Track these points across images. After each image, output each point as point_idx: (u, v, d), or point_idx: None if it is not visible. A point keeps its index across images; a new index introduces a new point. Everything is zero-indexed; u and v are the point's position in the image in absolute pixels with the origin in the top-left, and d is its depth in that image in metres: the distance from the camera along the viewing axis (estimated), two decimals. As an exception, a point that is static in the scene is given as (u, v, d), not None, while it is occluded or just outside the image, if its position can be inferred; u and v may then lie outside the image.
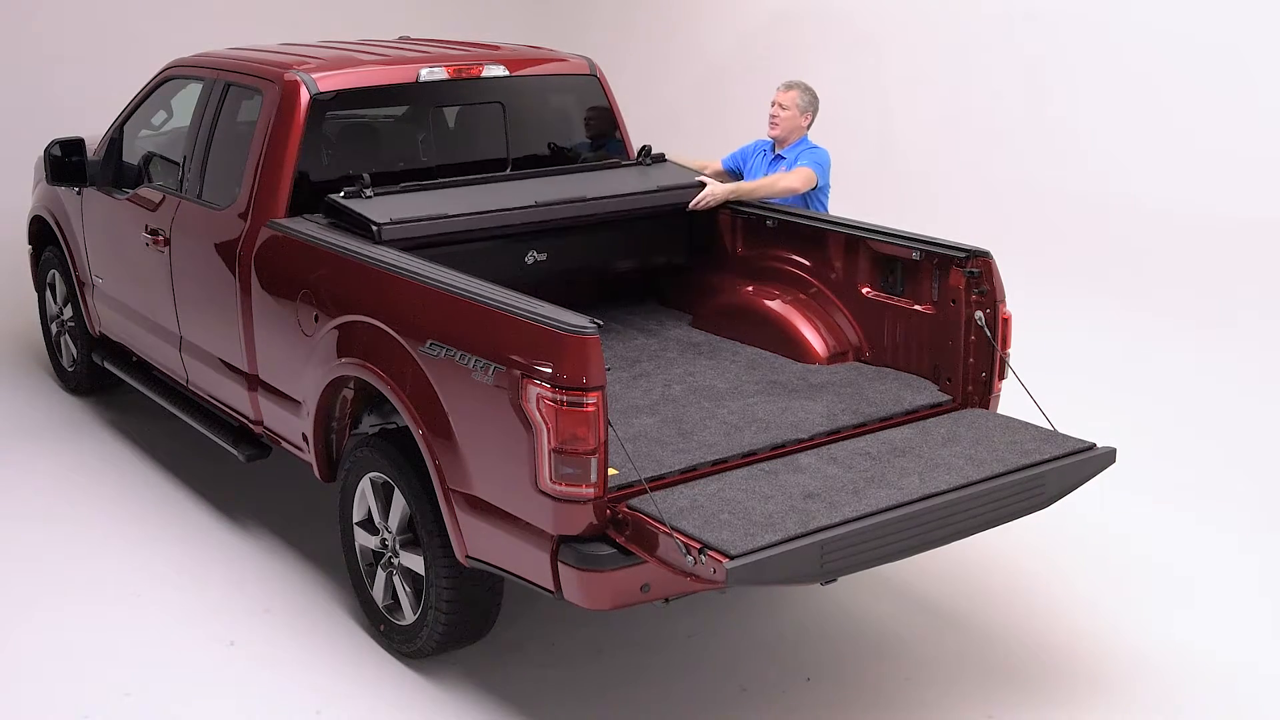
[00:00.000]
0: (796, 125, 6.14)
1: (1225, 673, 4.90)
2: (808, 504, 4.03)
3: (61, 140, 6.58)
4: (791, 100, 6.12)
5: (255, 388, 5.54)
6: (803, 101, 6.13)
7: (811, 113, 6.17)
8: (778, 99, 6.16)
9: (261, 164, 5.50)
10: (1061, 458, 4.41)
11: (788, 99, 6.13)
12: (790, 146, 6.15)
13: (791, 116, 6.13)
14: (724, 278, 5.97)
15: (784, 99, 6.14)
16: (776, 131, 6.17)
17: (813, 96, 6.18)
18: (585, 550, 3.99)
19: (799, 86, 6.17)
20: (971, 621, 5.26)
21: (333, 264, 5.01)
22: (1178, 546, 5.86)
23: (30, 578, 5.63)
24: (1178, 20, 8.24)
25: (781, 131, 6.15)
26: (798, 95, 6.13)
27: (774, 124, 6.16)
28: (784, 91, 6.17)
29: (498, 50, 6.36)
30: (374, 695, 4.74)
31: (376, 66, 5.82)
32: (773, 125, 6.17)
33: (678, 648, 5.05)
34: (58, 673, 4.89)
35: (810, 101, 6.16)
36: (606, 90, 6.39)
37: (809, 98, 6.16)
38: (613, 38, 11.47)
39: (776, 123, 6.15)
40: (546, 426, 3.93)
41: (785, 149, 6.17)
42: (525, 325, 4.07)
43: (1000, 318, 4.90)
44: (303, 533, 5.94)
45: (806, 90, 6.17)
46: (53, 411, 7.51)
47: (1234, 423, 7.05)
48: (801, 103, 6.13)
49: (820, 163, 6.03)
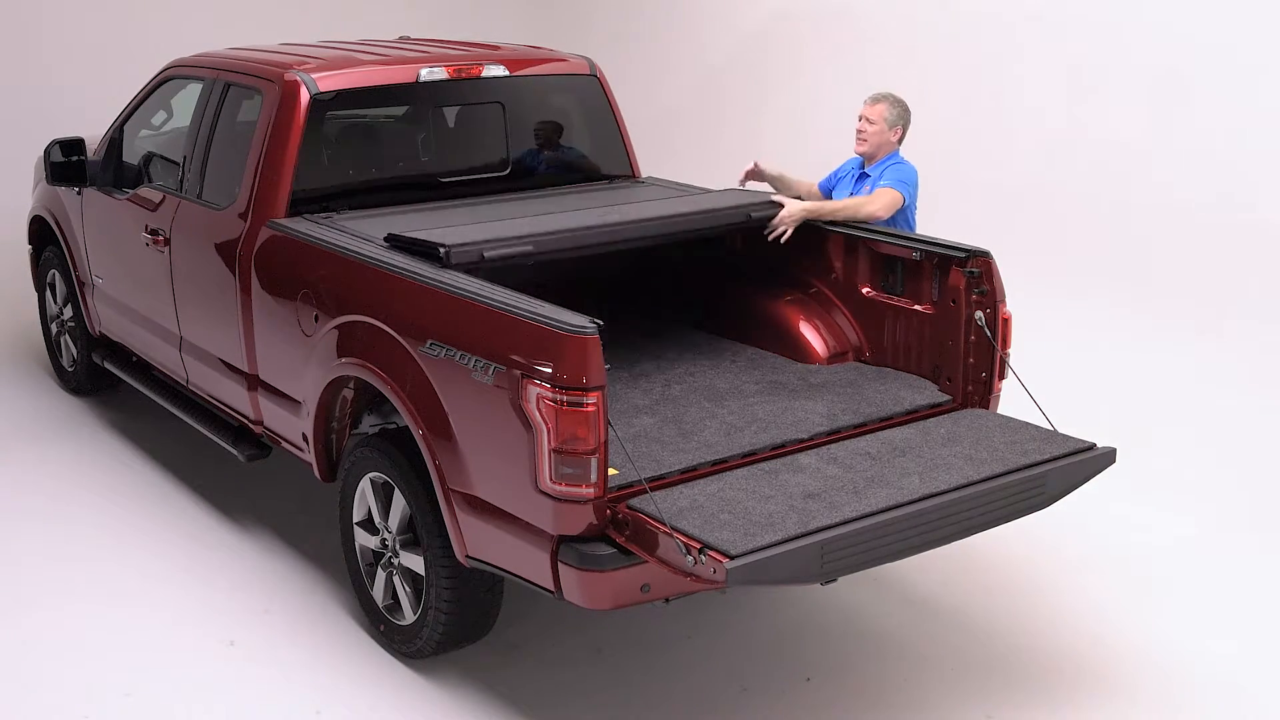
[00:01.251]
0: (885, 141, 5.65)
1: (1225, 673, 4.90)
2: (808, 504, 4.03)
3: (61, 140, 6.58)
4: (879, 114, 5.64)
5: (255, 388, 5.54)
6: (891, 115, 5.64)
7: (902, 126, 5.67)
8: (864, 113, 5.68)
9: (261, 164, 5.50)
10: (1061, 458, 4.41)
11: (875, 113, 5.65)
12: (877, 164, 5.68)
13: (879, 132, 5.64)
14: (724, 278, 5.97)
15: (871, 113, 5.66)
16: (864, 148, 5.70)
17: (903, 109, 5.68)
18: (585, 550, 3.99)
19: (887, 99, 5.67)
20: (972, 621, 5.26)
21: (333, 264, 5.01)
22: (1178, 547, 5.86)
23: (30, 577, 5.63)
24: (1181, 20, 8.24)
25: (869, 148, 5.68)
26: (886, 109, 5.64)
27: (861, 140, 5.69)
28: (870, 105, 5.68)
29: (498, 50, 6.36)
30: (374, 695, 4.74)
31: (376, 66, 5.82)
32: (860, 141, 5.70)
33: (678, 648, 5.05)
34: (58, 673, 4.89)
35: (900, 114, 5.66)
36: (606, 90, 6.38)
37: (898, 110, 5.66)
38: (613, 38, 11.47)
39: (864, 138, 5.67)
40: (546, 426, 3.93)
41: (872, 166, 5.70)
42: (525, 325, 4.07)
43: (1000, 318, 4.90)
44: (303, 533, 5.94)
45: (896, 102, 5.67)
46: (53, 411, 7.51)
47: (1234, 423, 7.05)
48: (890, 116, 5.64)
49: (905, 180, 5.56)
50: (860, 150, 5.70)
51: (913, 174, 5.62)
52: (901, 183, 5.51)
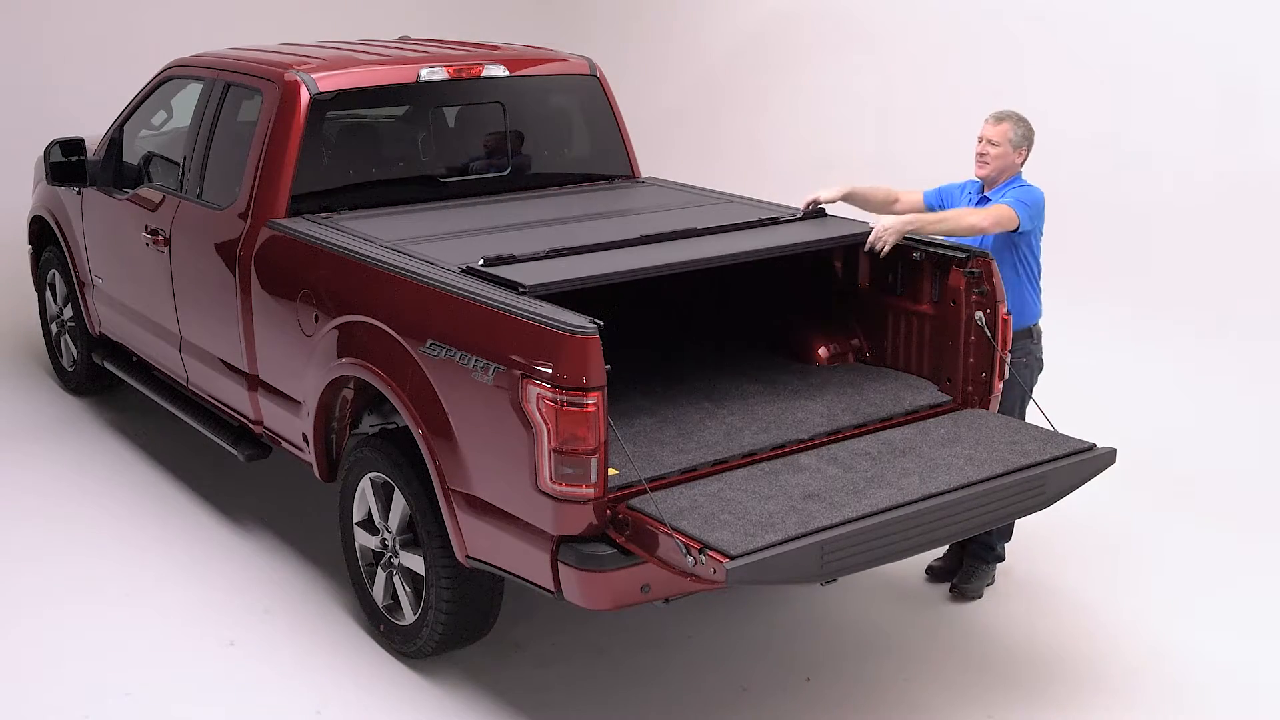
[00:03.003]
0: (1010, 163, 5.24)
1: (1226, 673, 4.90)
2: (808, 504, 4.03)
3: (61, 140, 6.58)
4: (1003, 135, 5.22)
5: (255, 388, 5.54)
6: (1016, 135, 5.22)
7: (1026, 147, 5.26)
8: (986, 134, 5.26)
9: (261, 164, 5.50)
10: (1062, 458, 4.41)
11: (998, 133, 5.23)
12: (999, 187, 5.27)
13: (1003, 154, 5.22)
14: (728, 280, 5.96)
15: (994, 134, 5.24)
16: (986, 171, 5.27)
17: (1027, 128, 5.27)
18: (585, 550, 3.99)
19: (1010, 118, 5.26)
20: (972, 621, 5.26)
21: (333, 264, 5.01)
22: (1178, 547, 5.86)
23: (30, 578, 5.63)
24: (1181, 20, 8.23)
25: (992, 170, 5.25)
26: (1010, 129, 5.22)
27: (982, 162, 5.27)
28: (993, 125, 5.26)
29: (498, 50, 6.36)
30: (374, 695, 4.74)
31: (376, 66, 5.83)
32: (981, 164, 5.28)
33: (678, 648, 5.05)
34: (58, 673, 4.89)
35: (1025, 134, 5.25)
36: (607, 90, 6.38)
37: (1023, 130, 5.26)
38: (613, 38, 11.47)
39: (986, 161, 5.25)
40: (546, 426, 3.93)
41: (994, 190, 5.28)
42: (525, 325, 4.07)
43: (1000, 318, 4.90)
44: (303, 533, 5.94)
45: (1020, 121, 5.27)
46: (53, 411, 7.51)
47: (1235, 423, 7.05)
48: (1015, 137, 5.22)
49: (1026, 201, 5.14)
50: (981, 174, 5.31)
51: (1038, 197, 5.22)
52: (1021, 203, 5.11)
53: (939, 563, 5.57)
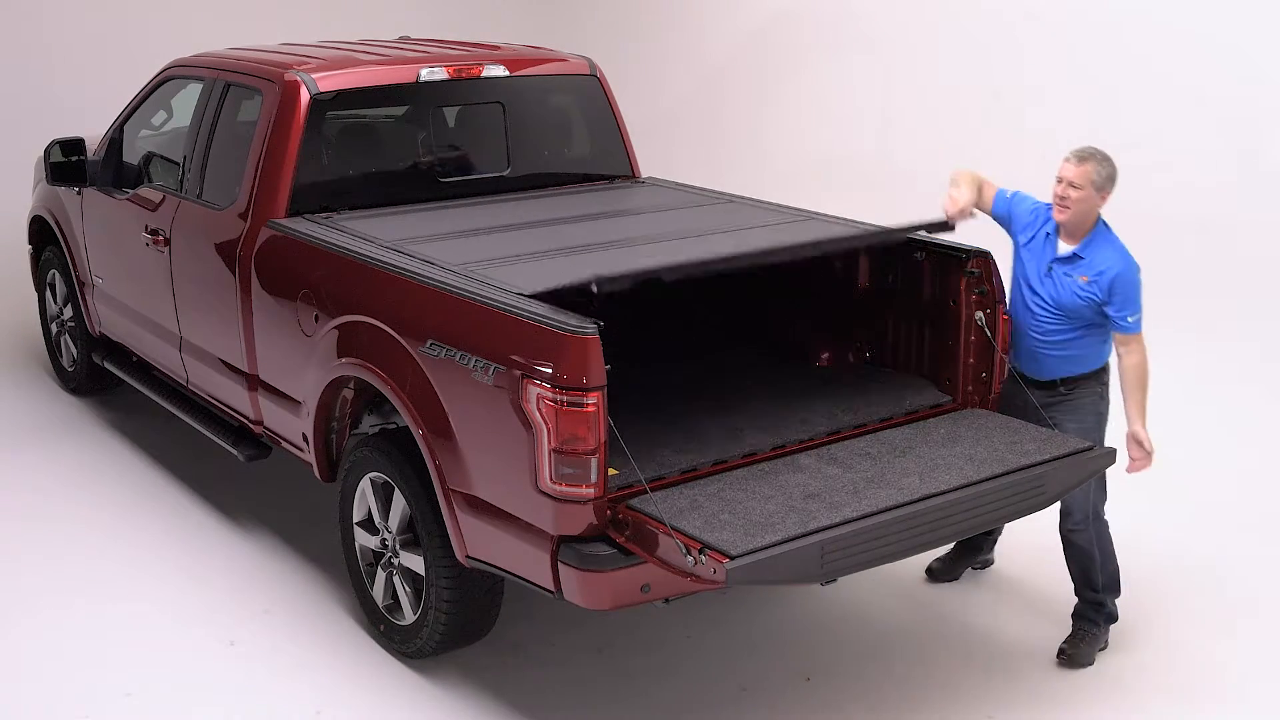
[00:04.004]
0: (1091, 208, 4.71)
1: (1226, 672, 4.90)
2: (808, 504, 4.03)
3: (61, 140, 6.58)
4: (1085, 177, 4.65)
5: (255, 388, 5.54)
6: (1099, 177, 4.66)
7: (1110, 187, 4.71)
8: (1066, 175, 4.69)
9: (261, 164, 5.50)
10: (1062, 458, 4.41)
11: (1081, 175, 4.66)
12: (1085, 243, 4.73)
13: (1085, 198, 4.67)
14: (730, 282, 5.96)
15: (1075, 176, 4.67)
16: (1066, 217, 4.73)
17: (1112, 168, 4.69)
18: (585, 550, 3.99)
19: (1094, 157, 4.68)
20: (972, 621, 5.26)
21: (333, 264, 5.01)
22: (1177, 546, 5.86)
23: (30, 578, 5.63)
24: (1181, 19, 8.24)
25: (1073, 216, 4.72)
26: (1093, 170, 4.66)
27: (1062, 207, 4.72)
28: (1075, 165, 4.68)
29: (498, 50, 6.36)
30: (374, 695, 4.74)
31: (376, 66, 5.83)
32: (1060, 208, 4.73)
33: (678, 648, 5.05)
34: (58, 672, 4.89)
35: (1110, 174, 4.69)
36: (607, 90, 6.38)
37: (1108, 169, 4.68)
38: (613, 38, 11.47)
39: (1066, 206, 4.70)
40: (546, 426, 3.93)
41: (1079, 245, 4.75)
42: (525, 325, 4.07)
43: (1000, 318, 4.90)
44: (303, 533, 5.94)
45: (1104, 160, 4.68)
46: (53, 411, 7.51)
47: (1235, 423, 7.05)
48: (1098, 179, 4.66)
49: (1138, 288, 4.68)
50: (1060, 219, 4.76)
51: (1138, 274, 4.71)
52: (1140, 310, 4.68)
53: (939, 564, 5.56)
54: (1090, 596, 4.99)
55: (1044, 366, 4.87)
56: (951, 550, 5.54)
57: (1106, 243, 4.75)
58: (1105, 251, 4.72)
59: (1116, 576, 5.03)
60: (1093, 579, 4.95)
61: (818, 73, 10.37)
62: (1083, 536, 4.90)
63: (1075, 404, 4.85)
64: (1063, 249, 4.79)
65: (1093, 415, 4.87)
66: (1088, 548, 4.91)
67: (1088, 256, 4.73)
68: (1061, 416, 4.82)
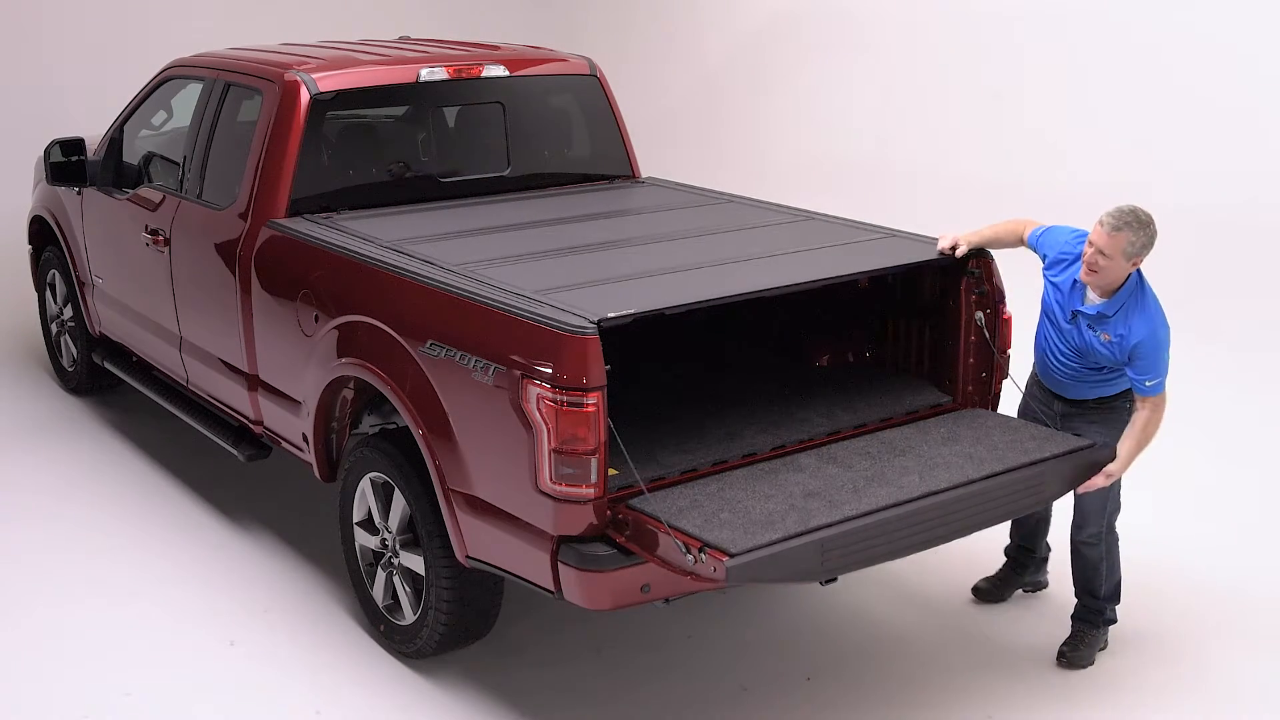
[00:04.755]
0: (1121, 274, 4.45)
1: (1227, 672, 4.90)
2: (807, 502, 4.03)
3: (61, 140, 6.58)
4: (1116, 248, 4.35)
5: (255, 388, 5.54)
6: (1132, 248, 4.36)
7: (1144, 255, 4.43)
8: (1098, 242, 4.38)
9: (261, 164, 5.50)
10: (1061, 456, 4.41)
11: (1113, 246, 4.35)
12: (1113, 301, 4.49)
13: (1113, 268, 4.40)
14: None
15: (1106, 245, 4.36)
16: (1093, 281, 4.50)
17: (1147, 236, 4.37)
18: (585, 550, 3.99)
19: (1130, 226, 4.35)
20: (972, 621, 5.26)
21: (333, 264, 5.01)
22: (1177, 546, 5.86)
23: (30, 577, 5.63)
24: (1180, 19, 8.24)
25: (1100, 281, 4.47)
26: (1126, 240, 4.34)
27: (1090, 270, 4.45)
28: (1108, 235, 4.35)
29: (498, 50, 6.36)
30: (374, 695, 4.74)
31: (376, 66, 5.83)
32: (1089, 272, 4.46)
33: (678, 648, 5.05)
34: (58, 673, 4.89)
35: (1145, 243, 4.38)
36: (607, 90, 6.38)
37: (1142, 240, 4.37)
38: (613, 38, 11.48)
39: (1094, 270, 4.43)
40: (546, 427, 3.93)
41: (1106, 303, 4.51)
42: (525, 325, 4.07)
43: (1000, 318, 4.90)
44: (303, 533, 5.94)
45: (1140, 229, 4.36)
46: (53, 411, 7.51)
47: (1234, 422, 7.05)
48: (1130, 249, 4.36)
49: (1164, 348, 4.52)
50: (1087, 281, 4.53)
51: (1166, 334, 4.52)
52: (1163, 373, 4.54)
53: (986, 584, 5.39)
54: (1091, 603, 4.98)
55: (1078, 387, 4.78)
56: (1000, 571, 5.41)
57: (1136, 306, 4.50)
58: (1133, 316, 4.49)
59: (1119, 587, 5.02)
60: (1096, 588, 4.94)
61: (817, 73, 10.37)
62: (1094, 551, 4.88)
63: (1105, 417, 4.75)
64: (1091, 299, 4.59)
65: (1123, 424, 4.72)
66: (1096, 562, 4.90)
67: (1113, 316, 4.51)
68: (1090, 430, 4.72)
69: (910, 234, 5.24)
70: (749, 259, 4.90)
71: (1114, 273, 4.44)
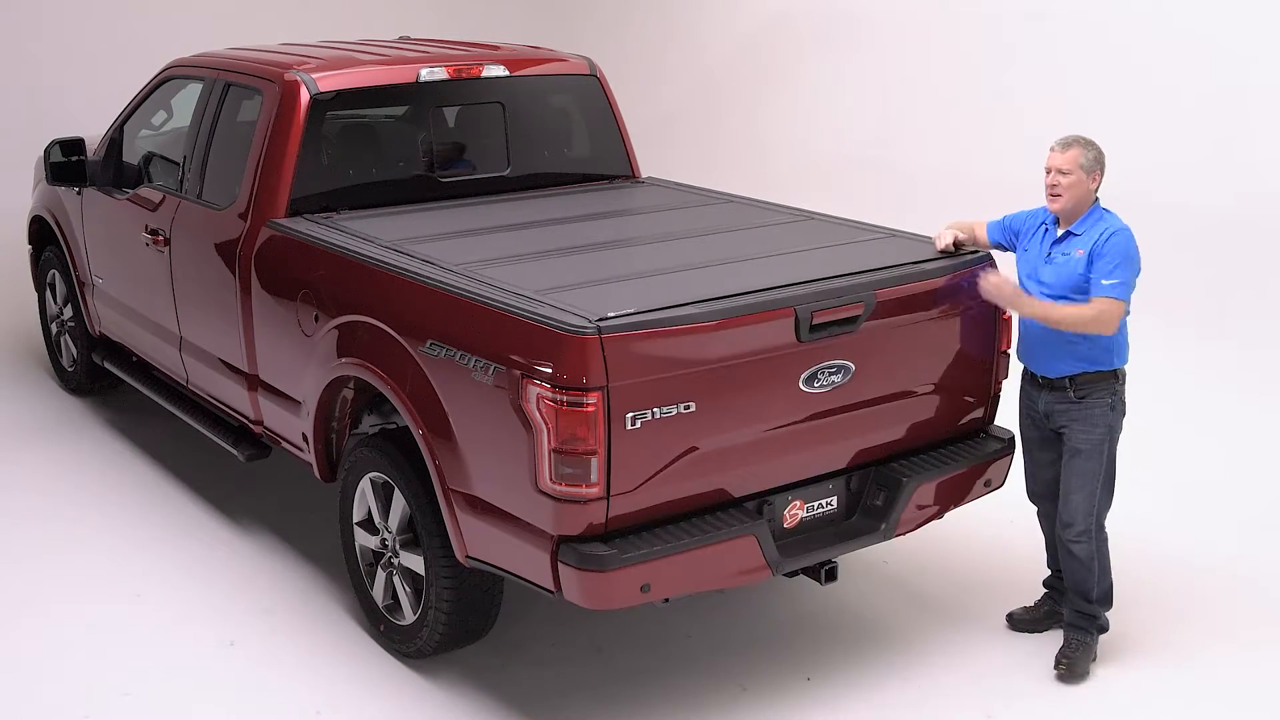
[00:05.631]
0: (1084, 192, 4.70)
1: (1227, 672, 4.90)
2: None
3: (61, 140, 6.58)
4: (1072, 162, 4.67)
5: (255, 388, 5.54)
6: (1087, 160, 4.68)
7: (1100, 170, 4.72)
8: (1054, 163, 4.71)
9: (261, 164, 5.50)
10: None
11: (1067, 161, 4.68)
12: (1081, 220, 4.73)
13: (1076, 183, 4.68)
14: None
15: (1062, 162, 4.69)
16: (1059, 205, 4.73)
17: (1098, 151, 4.72)
18: (585, 550, 3.99)
19: (1078, 142, 4.72)
20: (972, 620, 5.26)
21: (333, 264, 5.01)
22: (1176, 545, 5.86)
23: (30, 577, 5.63)
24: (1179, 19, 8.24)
25: (1066, 203, 4.71)
26: (1079, 154, 4.68)
27: (1054, 196, 4.72)
28: (1060, 152, 4.71)
29: (498, 50, 6.36)
30: (374, 695, 4.74)
31: (376, 66, 5.83)
32: (1053, 198, 4.73)
33: (678, 648, 5.05)
34: (58, 673, 4.89)
35: (1096, 157, 4.71)
36: (606, 90, 6.38)
37: (1093, 153, 4.71)
38: (613, 38, 11.48)
39: (1058, 193, 4.70)
40: (546, 426, 3.93)
41: (1075, 224, 4.74)
42: (525, 325, 4.07)
43: (1000, 317, 4.90)
44: (303, 533, 5.94)
45: (1089, 145, 4.71)
46: (53, 411, 7.51)
47: (1234, 421, 7.05)
48: (1086, 162, 4.68)
49: (1125, 266, 4.61)
50: (1055, 209, 4.76)
51: (1131, 248, 4.65)
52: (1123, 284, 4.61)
53: (1022, 612, 5.24)
54: (1083, 608, 4.94)
55: (1053, 359, 4.79)
56: (1040, 601, 5.25)
57: (1101, 218, 4.73)
58: (1099, 225, 4.70)
59: (1110, 591, 5.00)
60: (1088, 589, 4.92)
61: (817, 73, 10.38)
62: (1084, 548, 4.87)
63: (1087, 412, 4.76)
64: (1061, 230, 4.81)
65: (1103, 427, 4.77)
66: (1087, 560, 4.88)
67: (1082, 232, 4.72)
68: (1072, 426, 4.78)
69: (910, 234, 5.24)
70: (749, 259, 4.89)
71: (1078, 189, 4.69)
